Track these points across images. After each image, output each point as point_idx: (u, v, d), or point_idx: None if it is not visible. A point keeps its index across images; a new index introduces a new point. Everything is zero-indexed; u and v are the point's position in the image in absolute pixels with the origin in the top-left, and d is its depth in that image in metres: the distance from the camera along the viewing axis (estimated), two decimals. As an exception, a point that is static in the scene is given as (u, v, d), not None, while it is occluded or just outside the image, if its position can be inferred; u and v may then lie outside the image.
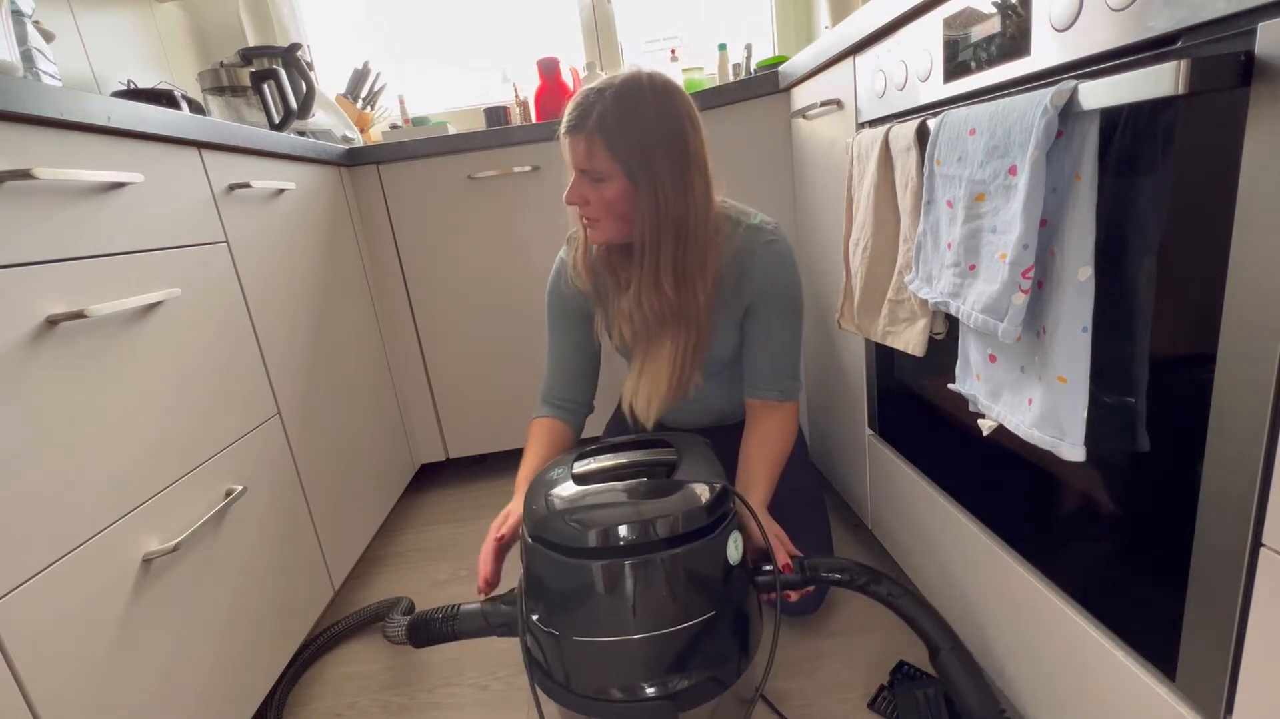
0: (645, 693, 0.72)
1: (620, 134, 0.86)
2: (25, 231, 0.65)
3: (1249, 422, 0.44)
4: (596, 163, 0.88)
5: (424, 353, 1.67)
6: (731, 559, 0.75)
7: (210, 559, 0.86)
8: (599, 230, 0.94)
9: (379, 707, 1.02)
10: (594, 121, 0.86)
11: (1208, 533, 0.49)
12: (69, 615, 0.64)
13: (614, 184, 0.89)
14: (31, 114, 0.65)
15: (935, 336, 0.78)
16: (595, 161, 0.88)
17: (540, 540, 0.75)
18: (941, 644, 0.77)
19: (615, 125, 0.86)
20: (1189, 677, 0.53)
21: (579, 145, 0.89)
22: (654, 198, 0.89)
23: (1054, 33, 0.55)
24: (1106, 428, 0.58)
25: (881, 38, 0.87)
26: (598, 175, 0.89)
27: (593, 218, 0.93)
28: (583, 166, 0.90)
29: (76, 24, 1.46)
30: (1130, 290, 0.54)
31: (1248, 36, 0.40)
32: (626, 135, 0.86)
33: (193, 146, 0.94)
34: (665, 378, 1.00)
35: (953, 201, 0.66)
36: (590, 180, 0.90)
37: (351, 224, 1.51)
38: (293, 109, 1.46)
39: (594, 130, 0.86)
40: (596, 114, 0.86)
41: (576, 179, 0.92)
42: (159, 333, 0.82)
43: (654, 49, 2.07)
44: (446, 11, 2.03)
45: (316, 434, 1.19)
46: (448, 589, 1.30)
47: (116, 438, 0.73)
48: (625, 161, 0.87)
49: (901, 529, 1.05)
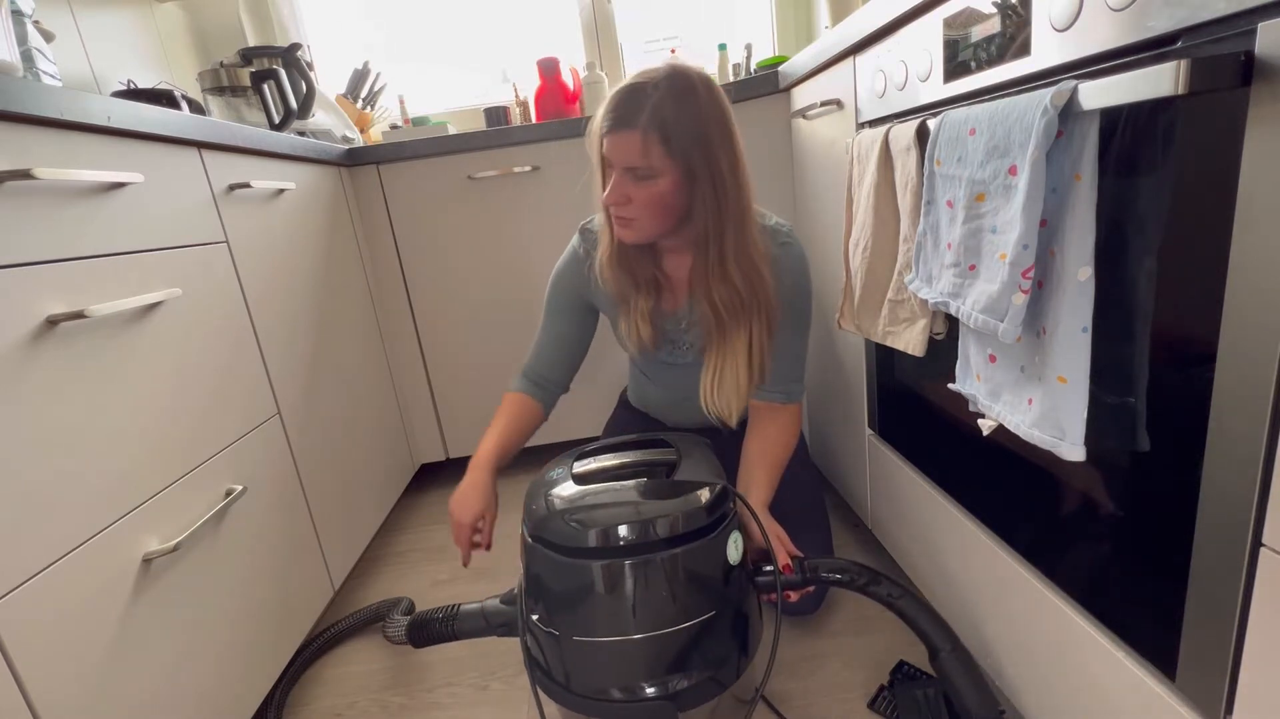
0: (645, 693, 0.72)
1: (678, 127, 0.84)
2: (25, 231, 0.65)
3: (1249, 422, 0.44)
4: (650, 159, 0.85)
5: (424, 353, 1.66)
6: (731, 559, 0.75)
7: (210, 559, 0.86)
8: (634, 229, 0.92)
9: (379, 707, 1.02)
10: (647, 117, 0.83)
11: (1208, 533, 0.49)
12: (69, 615, 0.64)
13: (665, 179, 0.87)
14: (31, 114, 0.65)
15: (935, 337, 0.78)
16: (649, 158, 0.85)
17: (540, 540, 0.75)
18: (941, 646, 0.77)
19: (672, 119, 0.83)
20: (1189, 677, 0.53)
21: (629, 142, 0.85)
22: (714, 189, 0.87)
23: (1054, 33, 0.55)
24: (1106, 428, 0.58)
25: (881, 38, 0.87)
26: (647, 172, 0.86)
27: (630, 217, 0.91)
28: (633, 164, 0.86)
29: (76, 24, 1.46)
30: (1130, 290, 0.54)
31: (1248, 36, 0.40)
32: (684, 128, 0.84)
33: (193, 146, 0.94)
34: (745, 369, 0.97)
35: (953, 201, 0.66)
36: (635, 178, 0.87)
37: (351, 224, 1.51)
38: (293, 109, 1.46)
39: (648, 126, 0.84)
40: (650, 109, 0.83)
41: (619, 177, 0.88)
42: (159, 333, 0.82)
43: (654, 49, 2.07)
44: (446, 11, 2.03)
45: (316, 434, 1.19)
46: (448, 589, 1.30)
47: (116, 438, 0.73)
48: (684, 155, 0.85)
49: (901, 529, 1.05)
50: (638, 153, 0.85)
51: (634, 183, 0.88)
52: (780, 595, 0.81)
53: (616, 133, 0.86)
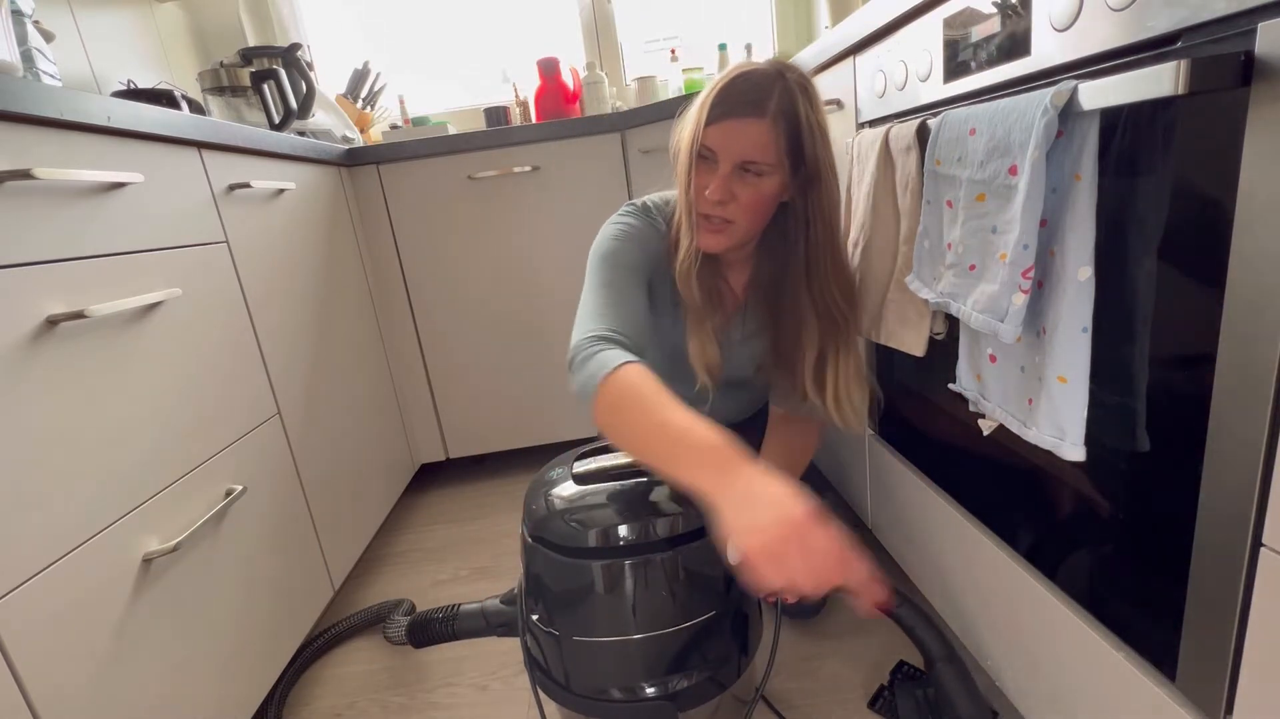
0: (645, 693, 0.72)
1: (807, 123, 0.78)
2: (25, 231, 0.65)
3: (1249, 422, 0.44)
4: (771, 153, 0.78)
5: (424, 353, 1.66)
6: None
7: (210, 559, 0.86)
8: (726, 235, 0.83)
9: (379, 707, 1.02)
10: (776, 108, 0.76)
11: (1208, 533, 0.49)
12: (69, 615, 0.64)
13: (775, 178, 0.80)
14: (31, 114, 0.65)
15: (935, 336, 0.78)
16: (774, 152, 0.78)
17: (540, 540, 0.75)
18: (938, 655, 0.77)
19: (803, 112, 0.77)
20: (1189, 677, 0.53)
21: (756, 132, 0.77)
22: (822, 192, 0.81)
23: (1054, 33, 0.55)
24: (1106, 428, 0.58)
25: (881, 38, 0.87)
26: (762, 170, 0.79)
27: (728, 219, 0.82)
28: (752, 157, 0.78)
29: (76, 24, 1.46)
30: (1130, 290, 0.54)
31: (1248, 36, 0.40)
32: (811, 123, 0.78)
33: (193, 146, 0.94)
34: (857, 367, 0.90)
35: (953, 201, 0.66)
36: (745, 174, 0.79)
37: (351, 224, 1.51)
38: (293, 109, 1.46)
39: (777, 117, 0.76)
40: (778, 101, 0.76)
41: (727, 173, 0.79)
42: (159, 333, 0.82)
43: (654, 49, 2.07)
44: (447, 11, 2.03)
45: (316, 434, 1.19)
46: (448, 589, 1.30)
47: (116, 438, 0.73)
48: (809, 150, 0.78)
49: (901, 529, 1.05)
50: (762, 145, 0.77)
51: (741, 180, 0.80)
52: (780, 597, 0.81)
53: (738, 120, 0.77)
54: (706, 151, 0.80)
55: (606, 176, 1.57)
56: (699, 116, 0.80)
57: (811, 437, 1.03)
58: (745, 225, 0.83)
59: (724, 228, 0.83)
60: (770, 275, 0.92)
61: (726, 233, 0.83)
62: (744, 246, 0.90)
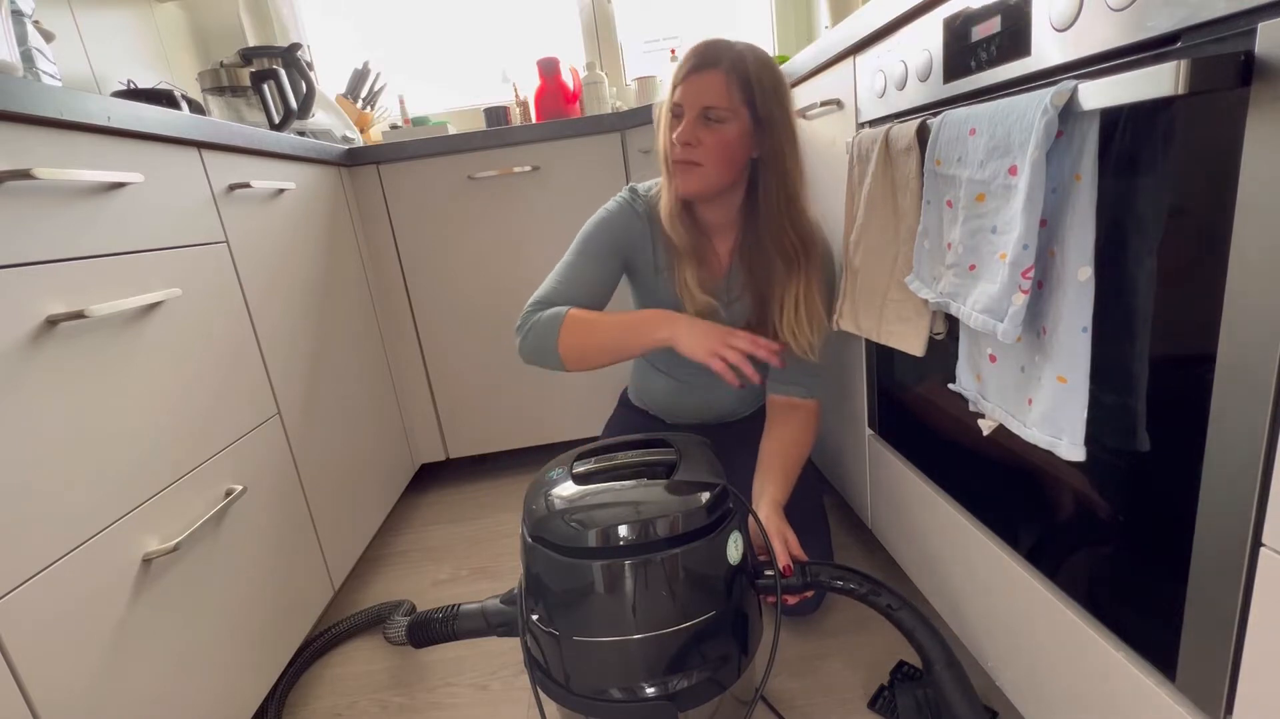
0: (645, 693, 0.72)
1: (757, 76, 0.91)
2: (25, 231, 0.65)
3: (1249, 422, 0.44)
4: (728, 100, 0.91)
5: (424, 353, 1.66)
6: (731, 559, 0.75)
7: (210, 559, 0.86)
8: (697, 177, 0.95)
9: (379, 707, 1.02)
10: (729, 61, 0.91)
11: (1208, 533, 0.49)
12: (69, 615, 0.64)
13: (735, 125, 0.92)
14: (31, 114, 0.65)
15: (935, 336, 0.78)
16: (727, 99, 0.91)
17: (540, 540, 0.75)
18: (936, 660, 0.78)
19: (753, 69, 0.91)
20: (1189, 677, 0.53)
21: (711, 80, 0.91)
22: (777, 143, 0.94)
23: (1054, 33, 0.55)
24: (1106, 428, 0.58)
25: (881, 38, 0.87)
26: (721, 115, 0.92)
27: (696, 161, 0.94)
28: (711, 103, 0.91)
29: (76, 24, 1.46)
30: (1130, 290, 0.53)
31: (1248, 36, 0.40)
32: (763, 79, 0.92)
33: (193, 146, 0.94)
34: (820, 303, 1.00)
35: (953, 201, 0.66)
36: (708, 121, 0.92)
37: (351, 224, 1.51)
38: (293, 109, 1.46)
39: (730, 69, 0.91)
40: (730, 57, 0.91)
41: (691, 120, 0.93)
42: (159, 333, 0.82)
43: (654, 49, 2.07)
44: (446, 11, 2.03)
45: (316, 434, 1.19)
46: (448, 589, 1.30)
47: (116, 438, 0.73)
48: (761, 104, 0.91)
49: (901, 529, 1.05)
50: (717, 92, 0.91)
51: (705, 126, 0.93)
52: (780, 598, 0.81)
53: (698, 73, 0.92)
54: (677, 108, 0.95)
55: (606, 176, 1.57)
56: (670, 83, 0.96)
57: (808, 432, 1.04)
58: (713, 168, 0.95)
59: (693, 170, 0.95)
60: (750, 238, 1.03)
61: (697, 175, 0.95)
62: (723, 203, 1.01)
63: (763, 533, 0.86)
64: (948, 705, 0.76)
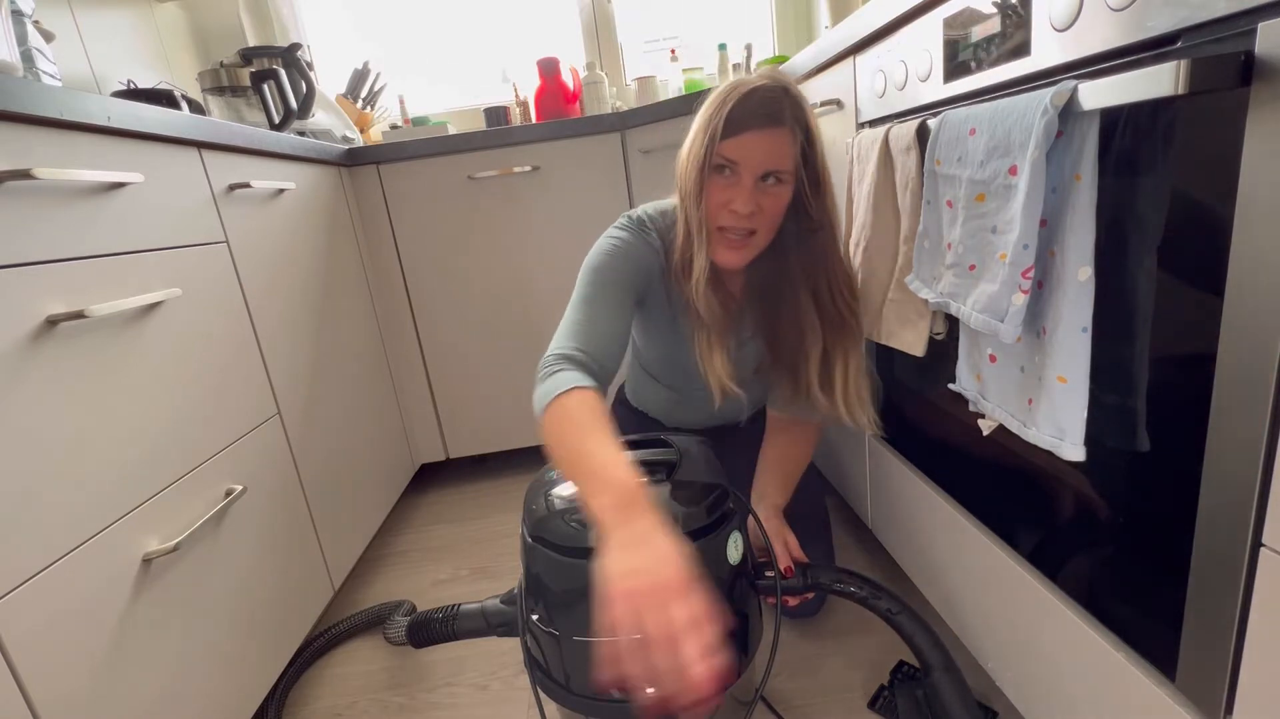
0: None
1: (815, 132, 0.80)
2: (25, 231, 0.65)
3: (1249, 422, 0.44)
4: (789, 162, 0.79)
5: (424, 353, 1.66)
6: (731, 560, 0.75)
7: (210, 559, 0.86)
8: (749, 248, 0.84)
9: (379, 707, 1.02)
10: (791, 116, 0.78)
11: (1208, 533, 0.49)
12: (69, 616, 0.64)
13: (792, 186, 0.81)
14: (31, 114, 0.65)
15: (935, 337, 0.78)
16: (790, 160, 0.79)
17: (540, 540, 0.75)
18: (935, 664, 0.78)
19: (807, 121, 0.79)
20: (1189, 677, 0.53)
21: (779, 141, 0.78)
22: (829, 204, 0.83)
23: (1054, 33, 0.55)
24: (1106, 428, 0.58)
25: (881, 38, 0.87)
26: (783, 177, 0.80)
27: (752, 229, 0.82)
28: (778, 166, 0.79)
29: (76, 24, 1.46)
30: (1130, 290, 0.53)
31: (1248, 36, 0.40)
32: (816, 133, 0.80)
33: (193, 146, 0.94)
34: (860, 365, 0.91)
35: (953, 201, 0.66)
36: (766, 185, 0.80)
37: (351, 224, 1.51)
38: (293, 109, 1.46)
39: (794, 125, 0.78)
40: (790, 109, 0.78)
41: (751, 185, 0.79)
42: (159, 333, 0.82)
43: (654, 49, 2.07)
44: (447, 11, 2.03)
45: (316, 434, 1.19)
46: (448, 589, 1.30)
47: (116, 438, 0.73)
48: (819, 162, 0.81)
49: (901, 529, 1.05)
50: (783, 154, 0.79)
51: (764, 189, 0.80)
52: (780, 599, 0.81)
53: (758, 131, 0.78)
54: (725, 164, 0.80)
55: (606, 177, 1.57)
56: (711, 131, 0.78)
57: (809, 442, 1.03)
58: (764, 235, 0.84)
59: (747, 241, 0.83)
60: (766, 279, 0.91)
61: (749, 245, 0.84)
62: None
63: (763, 534, 0.86)
64: (945, 710, 0.76)
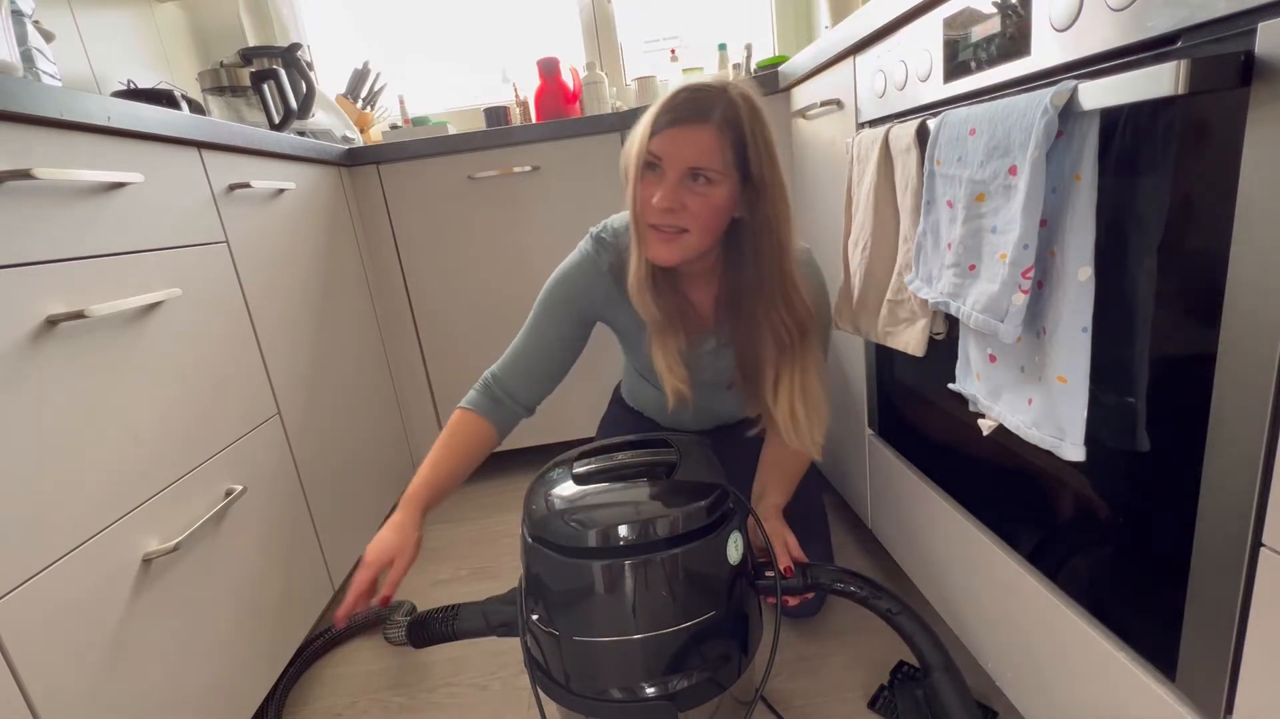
0: (645, 693, 0.72)
1: (750, 134, 0.79)
2: (25, 231, 0.65)
3: (1249, 421, 0.44)
4: (719, 160, 0.79)
5: (424, 353, 1.66)
6: (731, 559, 0.75)
7: (210, 559, 0.86)
8: (678, 246, 0.83)
9: (379, 707, 1.02)
10: (720, 115, 0.78)
11: (1208, 533, 0.49)
12: (69, 616, 0.64)
13: (724, 187, 0.80)
14: (31, 114, 0.65)
15: (935, 337, 0.78)
16: (718, 158, 0.79)
17: (540, 540, 0.75)
18: (934, 665, 0.78)
19: (748, 124, 0.79)
20: (1189, 677, 0.53)
21: (700, 137, 0.78)
22: (770, 208, 0.81)
23: (1054, 33, 0.55)
24: (1106, 428, 0.58)
25: (881, 38, 0.87)
26: (712, 175, 0.79)
27: (680, 228, 0.81)
28: (699, 163, 0.79)
29: (76, 24, 1.45)
30: (1130, 290, 0.54)
31: (1248, 36, 0.40)
32: (755, 136, 0.79)
33: (193, 146, 0.94)
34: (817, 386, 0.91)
35: (953, 201, 0.66)
36: (694, 182, 0.80)
37: (351, 224, 1.51)
38: (293, 109, 1.46)
39: (722, 124, 0.78)
40: (722, 109, 0.78)
41: (675, 181, 0.79)
42: (159, 333, 0.82)
43: (654, 49, 2.07)
44: (446, 11, 2.03)
45: (316, 434, 1.19)
46: (448, 589, 1.30)
47: (116, 438, 0.73)
48: (754, 163, 0.80)
49: (901, 529, 1.05)
50: (707, 151, 0.78)
51: (690, 188, 0.80)
52: (780, 599, 0.81)
53: (684, 126, 0.78)
54: (653, 159, 0.80)
55: (606, 176, 1.57)
56: (646, 128, 0.80)
57: None
58: (696, 236, 0.82)
59: (676, 237, 0.82)
60: (732, 292, 0.91)
61: (679, 243, 0.82)
62: (701, 259, 0.89)
63: (763, 534, 0.86)
64: (945, 710, 0.76)
